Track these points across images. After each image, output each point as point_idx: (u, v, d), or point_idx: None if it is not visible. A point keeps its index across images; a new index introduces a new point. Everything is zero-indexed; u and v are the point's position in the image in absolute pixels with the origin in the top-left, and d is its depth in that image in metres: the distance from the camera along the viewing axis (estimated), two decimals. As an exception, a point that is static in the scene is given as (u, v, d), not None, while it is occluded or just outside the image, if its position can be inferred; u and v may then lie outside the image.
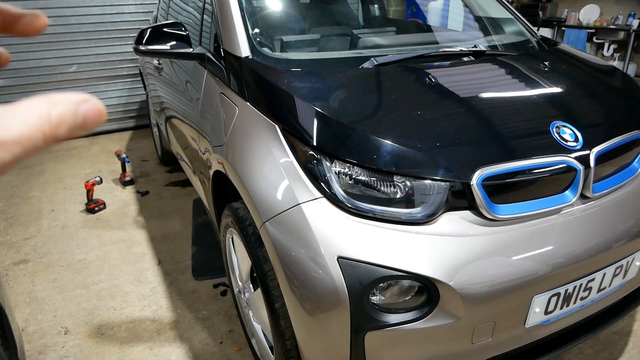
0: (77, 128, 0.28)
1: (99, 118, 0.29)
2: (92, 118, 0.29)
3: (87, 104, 0.28)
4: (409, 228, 1.37)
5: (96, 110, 0.29)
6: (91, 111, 0.29)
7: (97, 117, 0.29)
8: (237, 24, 1.93)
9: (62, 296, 2.51)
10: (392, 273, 1.30)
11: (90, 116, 0.28)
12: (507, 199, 1.44)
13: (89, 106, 0.29)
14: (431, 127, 1.47)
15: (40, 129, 0.26)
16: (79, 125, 0.28)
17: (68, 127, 0.27)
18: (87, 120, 0.28)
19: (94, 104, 0.29)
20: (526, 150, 1.45)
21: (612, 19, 6.85)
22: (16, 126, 0.25)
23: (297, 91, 1.57)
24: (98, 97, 0.29)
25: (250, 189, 1.52)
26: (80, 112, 0.28)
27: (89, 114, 0.28)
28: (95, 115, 0.29)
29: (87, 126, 0.28)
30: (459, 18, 2.69)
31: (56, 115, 0.27)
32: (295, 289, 1.38)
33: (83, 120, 0.28)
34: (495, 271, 1.36)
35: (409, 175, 1.37)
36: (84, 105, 0.28)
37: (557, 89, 1.74)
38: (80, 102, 0.28)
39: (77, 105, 0.28)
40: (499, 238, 1.39)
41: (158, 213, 3.40)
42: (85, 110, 0.28)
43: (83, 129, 0.28)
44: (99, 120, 0.29)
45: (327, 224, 1.36)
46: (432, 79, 1.64)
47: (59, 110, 0.27)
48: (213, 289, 2.54)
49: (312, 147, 1.45)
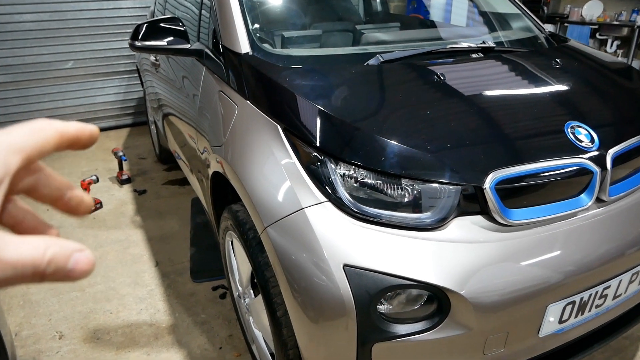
0: (64, 273, 0.29)
1: (87, 269, 0.30)
2: (81, 267, 0.30)
3: (80, 254, 0.30)
4: (418, 234, 1.30)
5: (87, 261, 0.30)
6: (82, 261, 0.30)
7: (86, 267, 0.30)
8: (237, 19, 1.86)
9: (57, 299, 2.45)
10: (401, 282, 1.23)
11: (80, 265, 0.29)
12: (520, 203, 1.37)
13: (82, 256, 0.30)
14: (441, 128, 1.40)
15: (33, 261, 0.28)
16: (67, 271, 0.29)
17: (57, 268, 0.29)
18: (75, 267, 0.29)
19: (87, 255, 0.30)
20: (540, 151, 1.39)
21: (615, 15, 6.77)
22: (13, 251, 0.27)
23: (299, 89, 1.50)
24: (94, 94, 0.31)
25: (250, 192, 1.45)
26: (72, 259, 0.29)
27: (79, 262, 0.30)
28: (85, 265, 0.30)
29: (74, 274, 0.29)
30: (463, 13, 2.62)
31: (50, 254, 0.28)
32: (298, 296, 1.32)
33: (72, 267, 0.29)
34: (509, 279, 1.30)
35: (418, 179, 1.30)
36: (78, 254, 0.30)
37: (571, 87, 1.67)
38: (75, 250, 0.30)
39: (72, 252, 0.29)
40: (513, 244, 1.33)
41: (156, 212, 3.33)
42: (77, 259, 0.29)
43: (69, 277, 0.29)
44: (86, 272, 0.30)
45: (332, 230, 1.29)
46: (441, 76, 1.57)
47: (54, 250, 0.29)
48: (212, 292, 2.48)
49: (315, 148, 1.38)
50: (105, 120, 5.06)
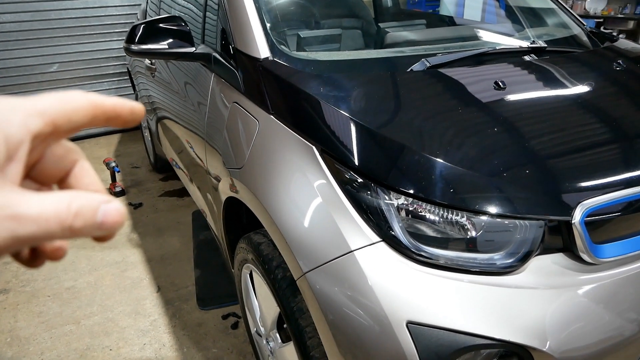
0: (94, 226, 0.28)
1: (118, 220, 0.28)
2: (112, 219, 0.28)
3: (108, 205, 0.28)
4: (491, 279, 1.07)
5: (117, 212, 0.28)
6: (111, 212, 0.28)
7: (117, 219, 0.28)
8: (252, 18, 1.61)
9: (49, 334, 2.19)
10: (477, 341, 1.01)
11: (110, 217, 0.28)
12: (607, 236, 1.15)
13: (110, 207, 0.28)
14: (513, 150, 1.17)
15: (57, 214, 0.27)
16: (97, 224, 0.28)
17: (85, 222, 0.28)
18: (106, 220, 0.28)
19: (115, 206, 0.29)
20: (631, 174, 1.16)
21: (619, 8, 6.60)
22: (35, 205, 0.26)
23: (339, 103, 1.26)
24: None
25: (282, 228, 1.21)
26: (100, 211, 0.28)
27: (108, 214, 0.28)
28: (115, 217, 0.28)
29: (105, 227, 0.28)
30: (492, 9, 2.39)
31: (76, 206, 0.27)
32: (352, 359, 1.08)
33: (102, 219, 0.28)
34: (601, 329, 1.08)
35: (491, 213, 1.07)
36: (106, 205, 0.28)
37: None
38: (102, 201, 0.28)
39: (99, 204, 0.28)
40: (603, 287, 1.11)
41: (154, 229, 3.07)
42: (106, 210, 0.28)
43: (100, 229, 0.28)
44: (118, 224, 0.29)
45: (390, 277, 1.06)
46: (501, 84, 1.34)
47: (80, 202, 0.28)
48: (222, 321, 2.24)
49: (362, 175, 1.14)
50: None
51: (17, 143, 0.28)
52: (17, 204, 0.26)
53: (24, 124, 0.28)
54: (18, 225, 0.26)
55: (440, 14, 2.59)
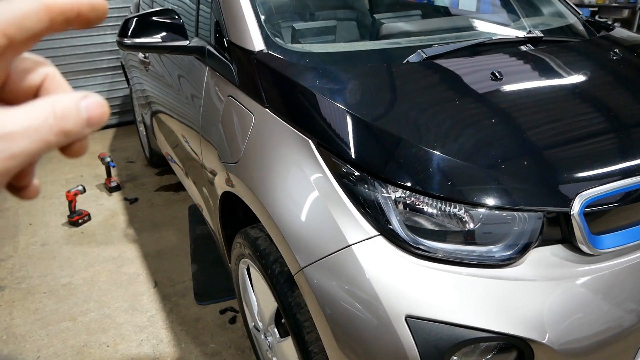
0: (83, 123, 0.28)
1: (103, 112, 0.29)
2: (96, 112, 0.28)
3: (87, 99, 0.28)
4: (490, 272, 1.07)
5: (98, 104, 0.29)
6: (93, 105, 0.28)
7: (101, 111, 0.29)
8: (246, 9, 1.58)
9: (45, 331, 2.18)
10: (477, 335, 1.00)
11: (93, 110, 0.28)
12: (605, 226, 1.14)
13: (90, 101, 0.29)
14: (512, 141, 1.16)
15: (45, 120, 0.26)
16: (85, 120, 0.28)
17: (74, 121, 0.27)
18: (91, 114, 0.28)
19: (94, 98, 0.29)
20: (626, 164, 1.16)
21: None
22: (20, 119, 0.26)
23: (336, 96, 1.25)
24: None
25: (279, 222, 1.20)
26: (82, 107, 0.28)
27: (91, 108, 0.28)
28: (98, 109, 0.29)
29: (93, 121, 0.28)
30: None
31: (59, 108, 0.27)
32: (349, 353, 1.08)
33: (88, 115, 0.28)
34: (600, 320, 1.08)
35: (489, 205, 1.06)
36: (85, 100, 0.28)
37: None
38: (80, 98, 0.28)
39: (78, 100, 0.28)
40: (602, 278, 1.10)
41: (150, 224, 3.06)
42: (88, 104, 0.28)
43: (89, 125, 0.28)
44: (103, 114, 0.29)
45: (388, 272, 1.05)
46: (498, 75, 1.32)
47: (62, 104, 0.27)
48: (220, 316, 2.23)
49: (359, 169, 1.13)
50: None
51: None
52: (2, 122, 0.25)
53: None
54: (11, 144, 0.25)
55: (435, 5, 2.56)
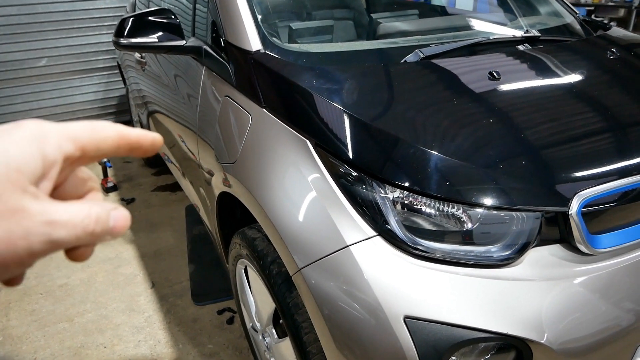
0: (107, 230, 0.32)
1: (126, 225, 0.33)
2: (120, 224, 0.33)
3: (116, 212, 0.33)
4: (488, 272, 1.07)
5: (124, 217, 0.33)
6: (120, 217, 0.33)
7: (125, 223, 0.33)
8: (243, 9, 1.58)
9: (42, 332, 2.17)
10: (475, 335, 1.00)
11: (119, 222, 0.33)
12: (603, 226, 1.14)
13: (118, 214, 0.33)
14: (509, 141, 1.16)
15: (83, 220, 0.31)
16: (109, 229, 0.32)
17: (103, 227, 0.32)
18: (116, 224, 0.32)
19: (122, 212, 0.33)
20: (624, 163, 1.16)
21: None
22: (64, 212, 0.30)
23: (333, 96, 1.24)
24: (72, 93, 1.28)
25: (277, 223, 1.20)
26: (112, 216, 0.32)
27: (118, 219, 0.33)
28: (123, 221, 0.33)
29: (116, 230, 0.33)
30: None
31: (95, 212, 0.31)
32: (350, 356, 1.07)
33: (114, 224, 0.32)
34: (599, 320, 1.08)
35: (488, 205, 1.06)
36: (115, 211, 0.33)
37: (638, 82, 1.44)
38: (112, 208, 0.33)
39: (109, 210, 0.32)
40: (600, 278, 1.10)
41: (147, 224, 3.05)
42: (115, 216, 0.32)
43: (112, 233, 0.32)
44: (125, 226, 0.33)
45: (387, 272, 1.04)
46: (495, 74, 1.32)
47: (97, 209, 0.32)
48: (217, 316, 2.22)
49: (357, 169, 1.13)
50: (85, 120, 4.70)
51: (51, 163, 0.31)
52: (51, 212, 0.30)
53: (58, 146, 0.31)
54: (52, 230, 0.29)
55: (432, 4, 2.56)
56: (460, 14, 2.26)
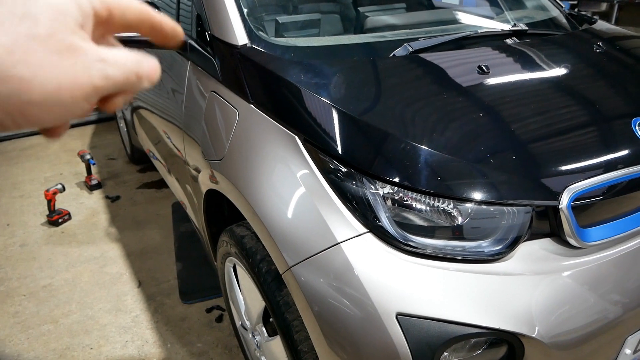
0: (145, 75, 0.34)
1: (157, 68, 0.35)
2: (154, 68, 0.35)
3: (148, 58, 0.35)
4: (479, 267, 1.06)
5: (155, 63, 0.35)
6: (152, 63, 0.35)
7: (156, 67, 0.35)
8: (228, 2, 1.55)
9: (25, 335, 2.12)
10: (468, 330, 1.00)
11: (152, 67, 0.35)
12: (592, 219, 1.15)
13: (150, 59, 0.35)
14: (499, 135, 1.16)
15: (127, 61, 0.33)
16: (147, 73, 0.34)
17: (142, 70, 0.34)
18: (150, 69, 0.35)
19: (153, 60, 0.35)
20: (612, 156, 1.16)
21: (593, -10, 6.66)
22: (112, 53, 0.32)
23: (322, 91, 1.23)
24: None
25: (266, 220, 1.18)
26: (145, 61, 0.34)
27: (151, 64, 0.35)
28: (155, 65, 0.35)
29: (152, 75, 0.35)
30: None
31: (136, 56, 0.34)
32: (338, 352, 1.06)
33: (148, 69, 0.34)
34: (589, 312, 1.08)
35: (478, 200, 1.06)
36: (146, 58, 0.34)
37: (625, 75, 1.45)
38: (144, 56, 0.34)
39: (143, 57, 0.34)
40: (590, 270, 1.10)
41: (132, 222, 3.00)
42: (149, 61, 0.35)
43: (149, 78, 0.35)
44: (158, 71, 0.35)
45: (378, 269, 1.03)
46: (484, 68, 1.31)
47: (134, 54, 0.34)
48: (206, 314, 2.20)
49: (347, 164, 1.11)
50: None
51: (86, 13, 0.32)
52: (101, 51, 0.31)
53: (79, 6, 0.31)
54: (106, 66, 0.31)
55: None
56: (448, 8, 2.25)
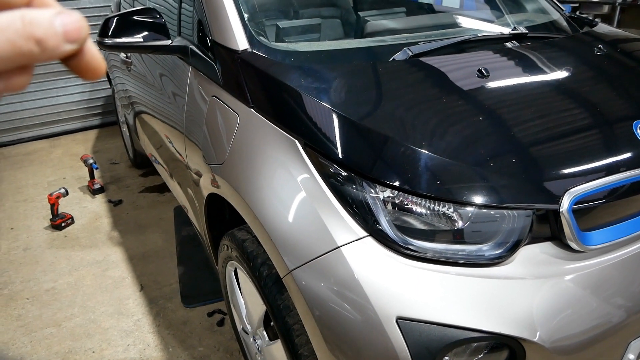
0: (58, 37, 0.27)
1: (79, 26, 0.28)
2: (72, 27, 0.28)
3: (62, 15, 0.28)
4: (480, 271, 1.06)
5: (74, 20, 0.28)
6: (69, 21, 0.28)
7: (77, 26, 0.28)
8: (229, 8, 1.56)
9: (28, 338, 2.13)
10: (468, 335, 1.00)
11: (69, 25, 0.28)
12: (593, 223, 1.15)
13: (65, 17, 0.28)
14: (499, 139, 1.16)
15: (11, 23, 0.26)
16: (60, 35, 0.27)
17: (45, 31, 0.27)
18: (67, 29, 0.28)
19: (70, 15, 0.28)
20: (613, 160, 1.16)
21: (594, -8, 6.65)
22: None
23: (322, 95, 1.23)
24: (56, 94, 1.23)
25: (267, 226, 1.18)
26: (56, 20, 0.27)
27: (66, 23, 0.28)
28: (74, 24, 0.28)
29: (70, 36, 0.28)
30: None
31: (29, 16, 0.27)
32: (342, 358, 1.06)
33: (63, 29, 0.27)
34: (590, 317, 1.08)
35: (481, 205, 1.06)
36: (60, 15, 0.28)
37: (625, 78, 1.45)
38: (55, 13, 0.28)
39: (52, 14, 0.28)
40: (591, 274, 1.10)
41: (135, 226, 3.01)
42: (63, 19, 0.28)
43: (67, 40, 0.28)
44: (80, 29, 0.28)
45: (378, 273, 1.03)
46: (484, 72, 1.32)
47: (32, 13, 0.27)
48: (207, 318, 2.20)
49: (348, 170, 1.11)
50: (71, 122, 4.65)
51: None
52: None
53: None
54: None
55: (420, 1, 2.56)
56: (448, 12, 2.26)
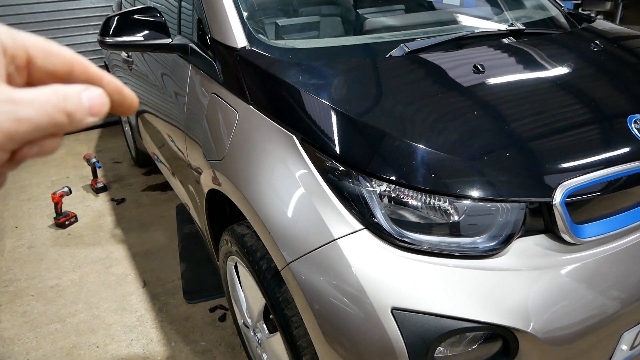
0: (85, 111, 0.30)
1: (103, 102, 0.31)
2: (97, 102, 0.31)
3: (89, 91, 0.31)
4: (474, 263, 1.08)
5: (99, 95, 0.31)
6: (94, 96, 0.31)
7: (101, 102, 0.31)
8: (228, 6, 1.58)
9: (34, 333, 2.16)
10: (462, 325, 1.01)
11: (94, 100, 0.31)
12: (587, 216, 1.16)
13: (92, 92, 0.31)
14: (494, 133, 1.17)
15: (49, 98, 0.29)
16: (87, 109, 0.30)
17: (75, 105, 0.30)
18: (92, 104, 0.31)
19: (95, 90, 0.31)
20: (607, 154, 1.17)
21: (596, -11, 6.63)
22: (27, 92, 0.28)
23: (319, 91, 1.25)
24: None
25: (265, 218, 1.20)
26: (83, 95, 0.30)
27: (92, 98, 0.31)
28: (99, 100, 0.31)
29: (95, 110, 0.31)
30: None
31: (62, 91, 0.30)
32: (335, 346, 1.08)
33: (89, 104, 0.30)
34: (583, 308, 1.09)
35: (473, 197, 1.07)
36: (87, 91, 0.31)
37: (621, 73, 1.46)
38: (82, 88, 0.31)
39: (80, 89, 0.30)
40: (585, 266, 1.12)
41: (137, 224, 3.04)
42: (89, 95, 0.31)
43: (92, 113, 0.31)
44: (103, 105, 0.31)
45: (374, 265, 1.05)
46: (480, 67, 1.33)
47: (64, 89, 0.30)
48: (209, 314, 2.23)
49: (343, 163, 1.13)
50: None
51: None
52: (9, 91, 0.28)
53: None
54: (17, 107, 0.27)
55: None
56: (446, 9, 2.27)
